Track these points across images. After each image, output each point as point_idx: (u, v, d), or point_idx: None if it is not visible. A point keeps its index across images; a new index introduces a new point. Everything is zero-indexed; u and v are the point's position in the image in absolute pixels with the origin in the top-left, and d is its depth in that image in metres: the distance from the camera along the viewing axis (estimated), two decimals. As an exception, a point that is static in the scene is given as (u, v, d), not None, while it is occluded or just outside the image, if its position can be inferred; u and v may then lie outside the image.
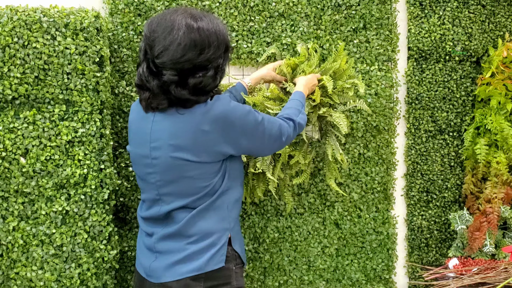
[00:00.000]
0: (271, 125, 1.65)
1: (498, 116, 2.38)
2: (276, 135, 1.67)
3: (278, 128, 1.68)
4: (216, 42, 1.52)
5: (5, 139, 1.90)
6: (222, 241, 1.61)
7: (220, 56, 1.54)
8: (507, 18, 2.52)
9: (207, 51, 1.49)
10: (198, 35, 1.48)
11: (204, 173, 1.57)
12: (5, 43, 1.87)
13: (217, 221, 1.61)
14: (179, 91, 1.49)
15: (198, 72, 1.50)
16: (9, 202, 1.92)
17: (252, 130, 1.60)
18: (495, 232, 2.36)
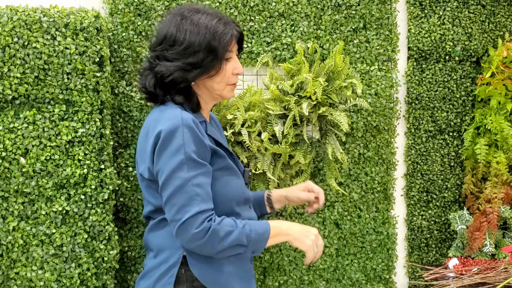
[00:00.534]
0: (184, 193, 1.32)
1: (498, 116, 2.38)
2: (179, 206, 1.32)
3: (187, 204, 1.31)
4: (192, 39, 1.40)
5: (5, 139, 1.90)
6: (172, 260, 1.42)
7: (194, 53, 1.40)
8: (507, 18, 2.52)
9: (179, 45, 1.40)
10: (177, 28, 1.40)
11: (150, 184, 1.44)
12: (5, 43, 1.87)
13: (169, 236, 1.43)
14: (148, 80, 1.45)
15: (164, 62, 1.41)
16: (9, 202, 1.92)
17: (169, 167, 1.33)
18: (495, 232, 2.36)
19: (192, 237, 1.31)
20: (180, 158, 1.31)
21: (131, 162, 2.18)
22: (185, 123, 1.34)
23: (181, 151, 1.32)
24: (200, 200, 1.32)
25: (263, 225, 1.40)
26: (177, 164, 1.32)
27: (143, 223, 2.21)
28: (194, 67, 1.41)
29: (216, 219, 1.34)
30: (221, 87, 1.49)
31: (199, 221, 1.31)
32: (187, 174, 1.31)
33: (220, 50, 1.42)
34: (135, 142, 2.18)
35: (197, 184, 1.32)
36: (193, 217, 1.30)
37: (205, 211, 1.32)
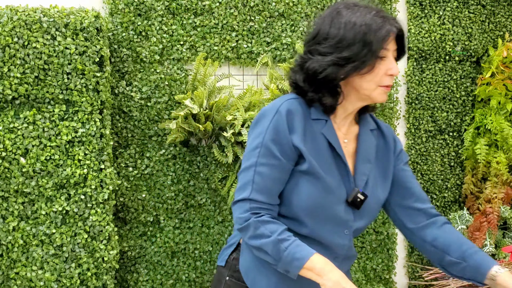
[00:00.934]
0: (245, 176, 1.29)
1: (498, 116, 2.38)
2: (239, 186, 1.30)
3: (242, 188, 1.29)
4: (346, 32, 1.30)
5: (5, 139, 1.90)
6: (232, 241, 1.43)
7: (348, 46, 1.30)
8: (507, 18, 2.52)
9: (332, 37, 1.30)
10: (331, 20, 1.32)
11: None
12: (5, 43, 1.87)
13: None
14: (298, 75, 1.34)
15: (316, 56, 1.31)
16: (9, 202, 1.92)
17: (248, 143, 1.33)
18: (495, 232, 2.36)
19: (236, 220, 1.29)
20: (258, 141, 1.29)
21: (131, 162, 2.18)
22: (280, 110, 1.29)
23: (261, 136, 1.29)
24: (255, 188, 1.27)
25: (304, 253, 1.24)
26: (253, 147, 1.30)
27: (143, 223, 2.21)
28: (347, 62, 1.30)
29: (264, 216, 1.27)
30: (371, 87, 1.35)
31: (244, 208, 1.27)
32: (255, 158, 1.28)
33: (375, 45, 1.29)
34: (135, 142, 2.18)
35: (260, 173, 1.28)
36: (241, 201, 1.28)
37: (254, 201, 1.27)
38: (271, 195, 1.29)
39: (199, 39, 2.20)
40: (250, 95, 2.19)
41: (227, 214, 2.27)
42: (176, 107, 2.19)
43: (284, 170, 1.30)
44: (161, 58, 2.17)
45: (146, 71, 2.16)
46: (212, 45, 2.21)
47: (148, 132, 2.18)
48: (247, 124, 2.15)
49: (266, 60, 2.24)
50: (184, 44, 2.19)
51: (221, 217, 2.26)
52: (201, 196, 2.23)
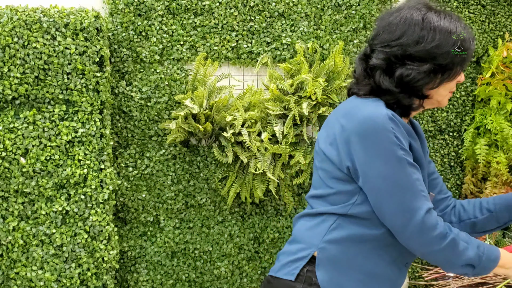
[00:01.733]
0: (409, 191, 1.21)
1: (498, 116, 2.38)
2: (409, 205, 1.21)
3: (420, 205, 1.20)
4: (444, 37, 1.27)
5: (5, 139, 1.90)
6: (302, 254, 1.33)
7: (447, 55, 1.27)
8: (507, 18, 2.52)
9: (428, 42, 1.26)
10: (421, 22, 1.27)
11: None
12: (5, 43, 1.87)
13: (308, 229, 1.35)
14: (383, 78, 1.29)
15: (411, 63, 1.27)
16: (9, 202, 1.92)
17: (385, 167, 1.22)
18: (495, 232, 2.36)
19: (432, 239, 1.20)
20: (397, 153, 1.21)
21: (131, 162, 2.18)
22: (389, 118, 1.23)
23: (396, 143, 1.21)
24: (426, 197, 1.24)
25: (494, 251, 1.25)
26: (396, 161, 1.21)
27: (143, 223, 2.21)
28: (444, 70, 1.29)
29: (450, 226, 1.24)
30: (446, 93, 1.34)
31: (433, 222, 1.20)
32: (405, 170, 1.21)
33: (468, 55, 1.30)
34: (135, 142, 2.18)
35: (418, 179, 1.23)
36: (425, 217, 1.20)
37: (432, 210, 1.23)
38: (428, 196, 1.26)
39: (199, 39, 2.20)
40: (250, 95, 2.19)
41: (227, 214, 2.27)
42: (176, 107, 2.19)
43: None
44: (161, 58, 2.17)
45: (146, 71, 2.16)
46: (212, 45, 2.21)
47: (148, 132, 2.18)
48: (247, 124, 2.15)
49: (266, 60, 2.24)
50: (184, 44, 2.19)
51: (221, 217, 2.26)
52: (201, 196, 2.23)
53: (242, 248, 2.29)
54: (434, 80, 1.29)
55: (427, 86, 1.30)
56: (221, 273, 2.26)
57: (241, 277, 2.29)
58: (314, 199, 1.38)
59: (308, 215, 1.38)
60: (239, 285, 2.29)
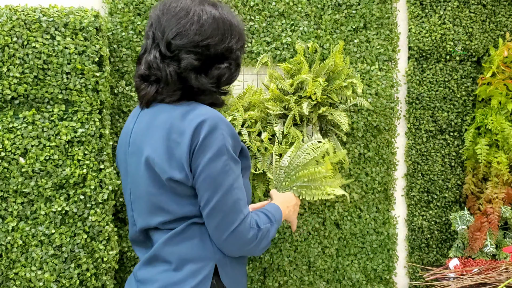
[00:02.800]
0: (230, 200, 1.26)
1: (499, 116, 2.38)
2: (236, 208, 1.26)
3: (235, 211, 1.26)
4: (236, 32, 1.34)
5: (4, 139, 1.90)
6: (204, 272, 1.31)
7: (239, 49, 1.36)
8: (508, 17, 2.52)
9: (229, 39, 1.32)
10: (222, 21, 1.31)
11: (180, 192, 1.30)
12: (4, 42, 1.87)
13: (199, 246, 1.33)
14: (200, 79, 1.30)
15: (221, 62, 1.32)
16: (8, 202, 1.92)
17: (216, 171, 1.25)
18: (496, 232, 2.35)
19: (245, 243, 1.28)
20: (224, 159, 1.24)
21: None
22: (222, 119, 1.27)
23: (224, 151, 1.24)
24: (243, 204, 1.28)
25: (278, 212, 1.45)
26: (222, 167, 1.24)
27: (142, 223, 2.20)
28: (239, 63, 1.38)
29: (256, 220, 1.34)
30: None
31: (247, 227, 1.28)
32: (230, 177, 1.25)
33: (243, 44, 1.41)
34: (134, 142, 2.17)
35: (238, 187, 1.27)
36: (242, 223, 1.26)
37: (248, 215, 1.28)
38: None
39: (199, 39, 2.19)
40: (250, 95, 2.19)
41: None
42: (175, 107, 2.18)
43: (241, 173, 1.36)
44: (160, 57, 2.17)
45: (145, 71, 2.16)
46: (212, 45, 2.21)
47: (147, 132, 2.17)
48: (247, 124, 2.14)
49: (266, 60, 2.24)
50: (184, 43, 2.19)
51: (221, 217, 2.26)
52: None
53: (242, 249, 2.29)
54: (235, 75, 1.37)
55: (234, 81, 1.38)
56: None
57: (241, 278, 2.28)
58: (169, 224, 1.36)
59: (178, 237, 1.34)
60: (239, 285, 2.28)
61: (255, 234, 1.29)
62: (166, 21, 1.30)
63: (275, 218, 1.40)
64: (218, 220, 1.25)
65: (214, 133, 1.23)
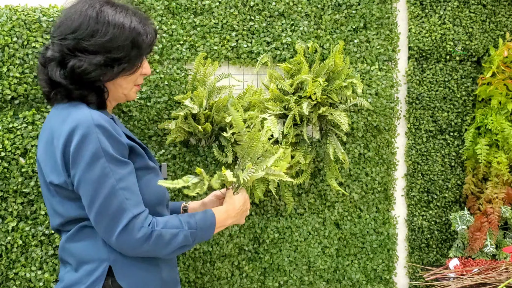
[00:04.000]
0: (114, 202, 1.23)
1: (499, 116, 2.38)
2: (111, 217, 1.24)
3: (120, 213, 1.24)
4: (117, 31, 1.30)
5: (4, 139, 1.90)
6: (97, 273, 1.31)
7: (119, 48, 1.31)
8: (508, 17, 2.52)
9: (101, 36, 1.28)
10: (96, 16, 1.29)
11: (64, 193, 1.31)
12: (4, 42, 1.87)
13: (92, 247, 1.33)
14: (55, 71, 1.30)
15: (83, 55, 1.28)
16: (8, 202, 1.92)
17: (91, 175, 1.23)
18: (496, 232, 2.35)
19: (135, 244, 1.25)
20: (101, 163, 1.22)
21: (131, 162, 2.17)
22: (96, 123, 1.24)
23: (100, 155, 1.22)
24: (132, 204, 1.25)
25: (209, 219, 1.40)
26: (100, 171, 1.22)
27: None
28: (117, 63, 1.32)
29: (158, 222, 1.29)
30: (130, 86, 1.41)
31: (137, 227, 1.24)
32: (111, 179, 1.22)
33: (144, 48, 1.37)
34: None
35: (124, 188, 1.24)
36: (128, 225, 1.23)
37: (139, 215, 1.25)
38: (141, 200, 1.30)
39: (199, 39, 2.19)
40: (249, 95, 2.19)
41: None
42: (175, 107, 2.18)
43: (134, 172, 1.31)
44: (160, 58, 2.17)
45: (145, 71, 2.16)
46: (212, 45, 2.21)
47: (147, 132, 2.17)
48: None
49: (266, 60, 2.24)
50: (184, 43, 2.19)
51: (221, 217, 2.26)
52: (201, 197, 2.22)
53: (242, 249, 2.28)
54: (108, 73, 1.31)
55: (102, 79, 1.32)
56: (221, 274, 2.25)
57: (241, 278, 2.28)
58: (64, 226, 1.38)
59: (74, 237, 1.36)
60: (239, 285, 2.28)
61: (145, 235, 1.25)
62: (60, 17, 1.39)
63: (197, 225, 1.35)
64: (105, 224, 1.24)
65: (87, 138, 1.22)
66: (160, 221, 1.30)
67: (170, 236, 1.29)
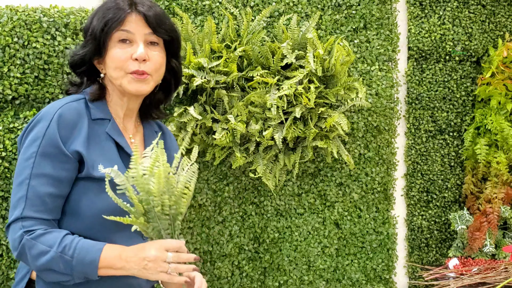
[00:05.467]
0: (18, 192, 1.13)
1: (498, 116, 2.38)
2: (11, 205, 1.14)
3: (15, 206, 1.13)
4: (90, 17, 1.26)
5: (5, 139, 1.90)
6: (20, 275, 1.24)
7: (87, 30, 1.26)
8: (507, 18, 2.52)
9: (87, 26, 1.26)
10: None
11: None
12: (5, 43, 1.87)
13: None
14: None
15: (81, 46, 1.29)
16: (8, 202, 1.92)
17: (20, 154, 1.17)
18: (495, 232, 2.36)
19: (11, 245, 1.13)
20: (32, 150, 1.14)
21: (131, 162, 2.17)
22: (53, 118, 1.15)
23: (35, 145, 1.14)
24: (28, 204, 1.11)
25: (92, 253, 1.11)
26: (27, 157, 1.14)
27: (143, 223, 2.21)
28: (87, 43, 1.24)
29: (36, 232, 1.10)
30: (119, 74, 1.23)
31: (16, 229, 1.11)
32: (29, 170, 1.12)
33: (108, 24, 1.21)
34: (135, 142, 2.18)
35: (33, 187, 1.12)
36: (14, 223, 1.12)
37: (28, 218, 1.11)
38: (48, 210, 1.13)
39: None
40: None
41: (227, 214, 2.27)
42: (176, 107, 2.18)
43: (63, 183, 1.15)
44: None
45: (146, 71, 2.16)
46: (212, 45, 2.21)
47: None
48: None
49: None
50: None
51: (221, 217, 2.26)
52: (201, 197, 2.23)
53: (242, 248, 2.29)
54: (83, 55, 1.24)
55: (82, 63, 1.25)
56: (221, 273, 2.26)
57: (241, 277, 2.29)
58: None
59: None
60: (239, 285, 2.29)
61: (17, 238, 1.11)
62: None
63: (75, 254, 1.09)
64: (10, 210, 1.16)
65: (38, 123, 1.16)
66: (39, 232, 1.11)
67: (37, 252, 1.09)
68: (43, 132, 1.14)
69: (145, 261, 1.09)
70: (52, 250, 1.09)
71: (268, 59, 2.09)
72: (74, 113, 1.19)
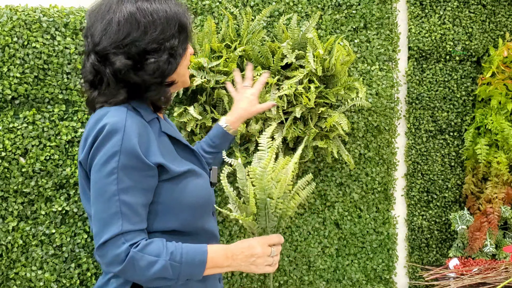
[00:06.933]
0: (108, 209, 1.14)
1: (499, 116, 2.38)
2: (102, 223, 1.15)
3: (109, 223, 1.14)
4: (160, 22, 1.24)
5: (4, 139, 1.90)
6: (117, 282, 1.25)
7: (172, 36, 1.26)
8: (508, 17, 2.52)
9: (151, 31, 1.22)
10: (140, 15, 1.22)
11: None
12: (5, 42, 1.87)
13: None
14: (141, 76, 1.23)
15: (153, 55, 1.23)
16: (8, 202, 1.92)
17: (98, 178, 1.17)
18: (496, 232, 2.36)
19: (112, 261, 1.13)
20: (113, 166, 1.14)
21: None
22: (127, 131, 1.17)
23: (115, 159, 1.14)
24: (126, 220, 1.14)
25: (198, 255, 1.19)
26: (108, 172, 1.14)
27: (143, 223, 2.20)
28: (176, 51, 1.28)
29: (140, 244, 1.14)
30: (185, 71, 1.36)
31: (118, 244, 1.13)
32: (115, 186, 1.14)
33: (189, 27, 1.33)
34: (135, 142, 2.17)
35: (124, 201, 1.14)
36: (112, 239, 1.13)
37: (128, 233, 1.14)
38: (143, 219, 1.18)
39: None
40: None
41: (228, 214, 2.26)
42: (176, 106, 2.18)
43: (149, 192, 1.20)
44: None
45: (146, 71, 2.15)
46: (212, 45, 2.20)
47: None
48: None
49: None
50: (184, 43, 2.19)
51: (221, 218, 2.26)
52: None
53: (242, 248, 2.29)
54: (174, 64, 1.27)
55: (170, 73, 1.27)
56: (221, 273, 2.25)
57: (241, 277, 2.28)
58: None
59: None
60: (239, 285, 2.28)
61: (121, 253, 1.13)
62: (93, 23, 1.24)
63: (182, 259, 1.17)
64: (95, 229, 1.16)
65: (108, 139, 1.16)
66: (142, 244, 1.16)
67: (147, 263, 1.14)
68: (119, 146, 1.15)
69: (253, 257, 1.27)
70: (161, 258, 1.15)
71: (268, 59, 2.09)
72: (139, 122, 1.21)
